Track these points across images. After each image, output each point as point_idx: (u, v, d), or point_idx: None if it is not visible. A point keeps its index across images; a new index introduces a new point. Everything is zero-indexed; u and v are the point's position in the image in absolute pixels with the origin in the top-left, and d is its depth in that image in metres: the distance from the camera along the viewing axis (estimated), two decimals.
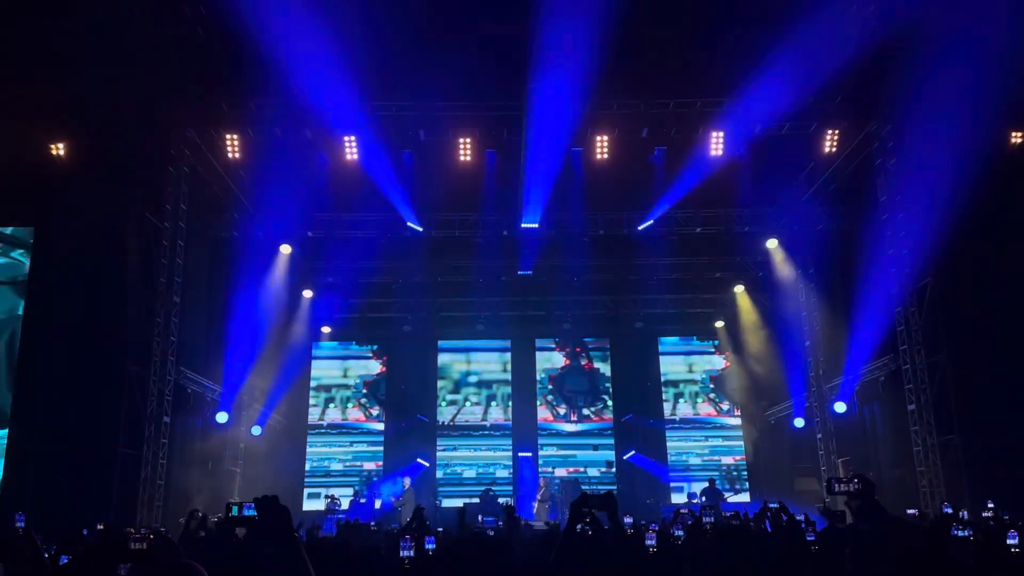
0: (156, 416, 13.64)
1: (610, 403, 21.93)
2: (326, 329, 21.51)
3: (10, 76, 12.18)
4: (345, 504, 18.10)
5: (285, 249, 17.61)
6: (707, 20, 12.80)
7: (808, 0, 12.00)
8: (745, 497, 20.34)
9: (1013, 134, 13.61)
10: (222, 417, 16.15)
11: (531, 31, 12.49)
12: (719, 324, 21.77)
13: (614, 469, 21.28)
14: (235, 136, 14.73)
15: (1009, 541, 4.59)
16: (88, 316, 12.65)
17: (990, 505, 9.89)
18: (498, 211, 17.15)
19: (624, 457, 21.06)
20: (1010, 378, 12.39)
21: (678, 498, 19.67)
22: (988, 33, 11.10)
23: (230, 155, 15.01)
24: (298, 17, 12.22)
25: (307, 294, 20.06)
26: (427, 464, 20.61)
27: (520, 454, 20.84)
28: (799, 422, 19.13)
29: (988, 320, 12.76)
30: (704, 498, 16.43)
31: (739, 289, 20.47)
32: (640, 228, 17.20)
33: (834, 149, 15.12)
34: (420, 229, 17.24)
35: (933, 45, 12.03)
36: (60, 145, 13.39)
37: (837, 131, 14.87)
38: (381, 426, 21.59)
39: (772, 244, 18.14)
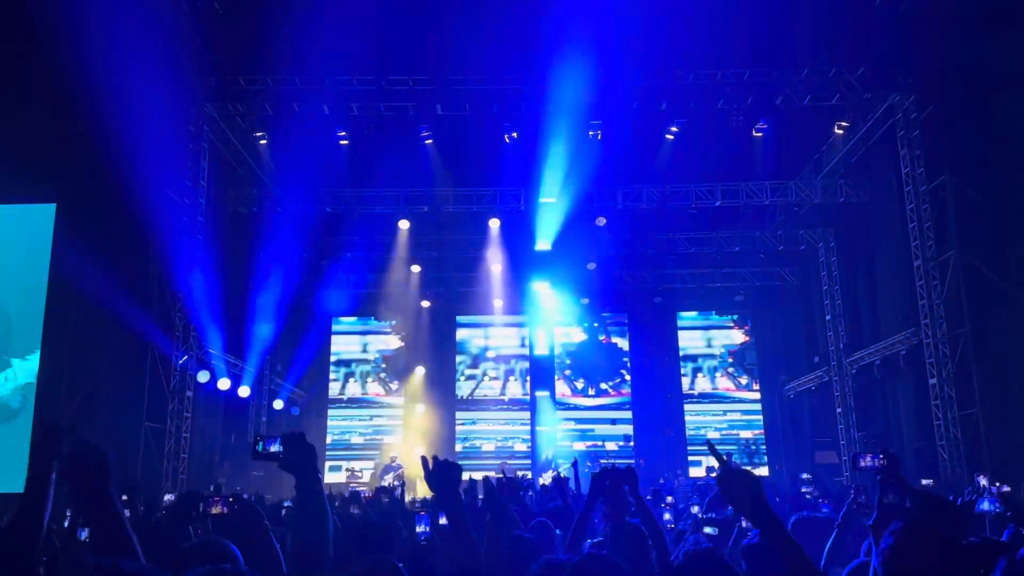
0: (179, 390, 13.81)
1: (628, 378, 21.95)
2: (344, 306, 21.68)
3: (29, 54, 12.22)
4: (366, 477, 18.29)
5: (305, 225, 17.64)
6: None
7: None
8: (764, 471, 20.35)
9: None
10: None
11: (548, 3, 12.38)
12: (739, 298, 21.67)
13: (632, 443, 21.34)
14: (253, 112, 14.76)
15: None
16: (110, 292, 12.77)
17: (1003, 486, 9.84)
18: (515, 185, 17.11)
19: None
20: None
21: (696, 472, 19.72)
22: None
23: (248, 131, 15.04)
24: None
25: (326, 269, 20.14)
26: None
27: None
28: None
29: (1012, 293, 12.61)
30: None
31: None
32: (659, 202, 17.10)
33: (857, 120, 14.94)
34: (434, 207, 17.25)
35: (958, 16, 11.84)
36: (81, 122, 13.44)
37: (860, 102, 14.67)
38: (400, 400, 21.74)
39: (792, 218, 17.98)
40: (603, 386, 21.90)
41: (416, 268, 20.13)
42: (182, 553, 2.75)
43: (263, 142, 15.56)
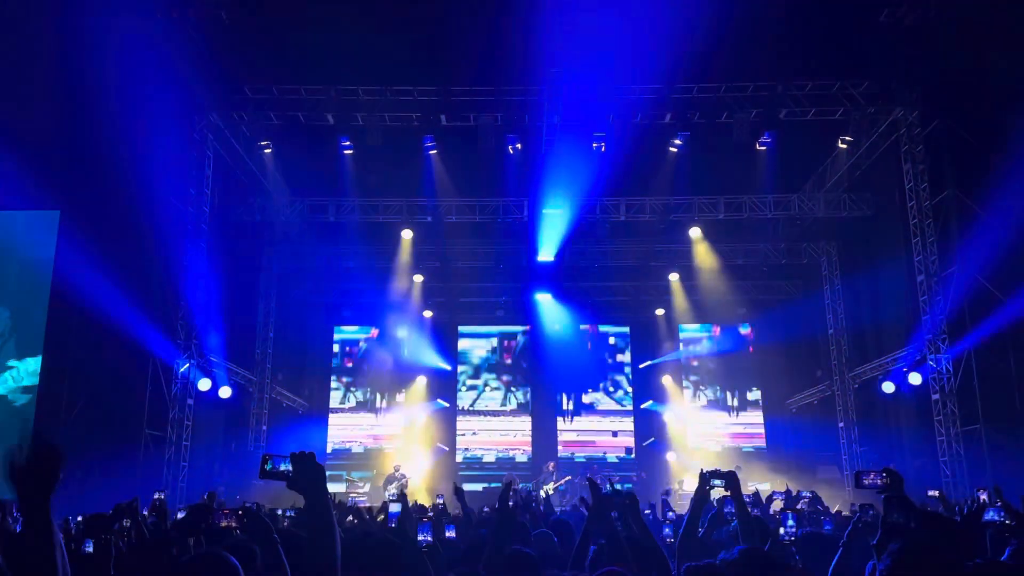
0: (180, 399, 13.78)
1: (630, 390, 21.90)
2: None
3: (34, 62, 12.27)
4: (366, 488, 18.25)
5: (307, 234, 17.66)
6: (731, 3, 12.65)
7: None
8: (766, 485, 20.25)
9: None
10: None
11: (553, 15, 12.41)
12: (741, 311, 21.62)
13: (633, 455, 21.28)
14: (258, 121, 14.79)
15: None
16: (113, 299, 12.77)
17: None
18: (519, 196, 17.10)
19: (643, 444, 21.10)
20: None
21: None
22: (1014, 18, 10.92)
23: (253, 140, 15.08)
24: (319, 1, 12.24)
25: (327, 278, 20.13)
26: (446, 449, 20.73)
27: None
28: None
29: (1015, 308, 12.57)
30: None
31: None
32: (662, 214, 17.09)
33: (860, 135, 14.95)
34: (440, 216, 17.25)
35: (961, 30, 11.85)
36: (85, 129, 13.49)
37: (863, 117, 14.67)
38: (401, 409, 21.68)
39: (795, 231, 17.96)
40: (600, 395, 21.85)
41: (419, 278, 20.09)
42: (182, 566, 2.74)
43: (267, 151, 15.58)
